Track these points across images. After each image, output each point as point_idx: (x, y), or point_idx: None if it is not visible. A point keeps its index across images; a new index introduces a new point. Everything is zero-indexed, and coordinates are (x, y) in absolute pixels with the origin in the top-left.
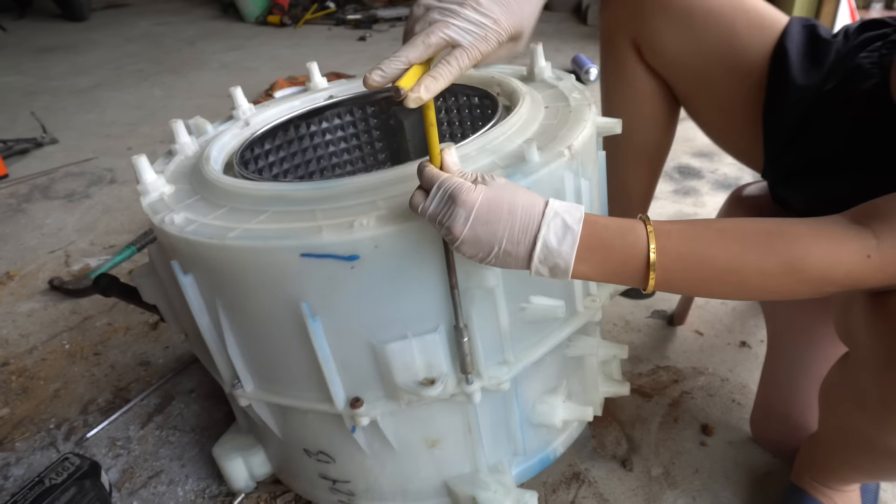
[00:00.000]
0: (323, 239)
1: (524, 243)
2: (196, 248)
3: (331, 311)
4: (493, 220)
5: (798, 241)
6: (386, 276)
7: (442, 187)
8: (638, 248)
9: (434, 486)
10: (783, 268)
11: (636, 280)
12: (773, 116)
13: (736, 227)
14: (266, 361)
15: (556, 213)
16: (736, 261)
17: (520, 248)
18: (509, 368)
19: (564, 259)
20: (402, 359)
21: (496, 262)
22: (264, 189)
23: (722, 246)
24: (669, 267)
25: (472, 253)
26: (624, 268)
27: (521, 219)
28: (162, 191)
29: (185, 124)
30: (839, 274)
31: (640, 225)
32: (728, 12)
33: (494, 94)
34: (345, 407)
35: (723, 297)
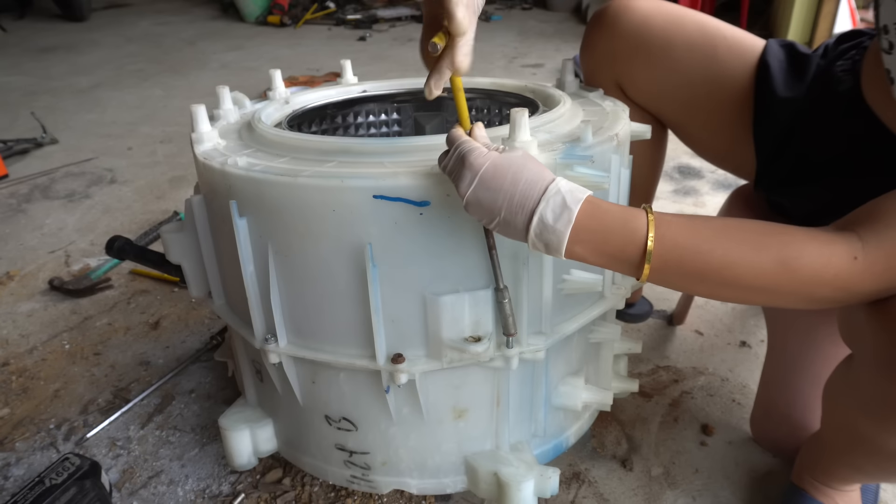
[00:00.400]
0: (398, 181)
1: (521, 215)
2: (262, 188)
3: (390, 258)
4: (496, 187)
5: (792, 241)
6: (450, 227)
7: (458, 148)
8: (637, 235)
9: (453, 463)
10: (776, 265)
11: (631, 267)
12: (761, 130)
13: (734, 224)
14: (308, 313)
15: (559, 190)
16: (731, 255)
17: (517, 219)
18: (546, 338)
19: (558, 237)
20: (453, 313)
21: (499, 230)
22: (330, 142)
23: (719, 241)
24: (666, 257)
25: (478, 216)
26: (621, 254)
27: (522, 190)
28: (216, 141)
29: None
30: (829, 274)
31: (641, 213)
32: (708, 41)
33: (531, 98)
34: (386, 362)
35: (714, 296)
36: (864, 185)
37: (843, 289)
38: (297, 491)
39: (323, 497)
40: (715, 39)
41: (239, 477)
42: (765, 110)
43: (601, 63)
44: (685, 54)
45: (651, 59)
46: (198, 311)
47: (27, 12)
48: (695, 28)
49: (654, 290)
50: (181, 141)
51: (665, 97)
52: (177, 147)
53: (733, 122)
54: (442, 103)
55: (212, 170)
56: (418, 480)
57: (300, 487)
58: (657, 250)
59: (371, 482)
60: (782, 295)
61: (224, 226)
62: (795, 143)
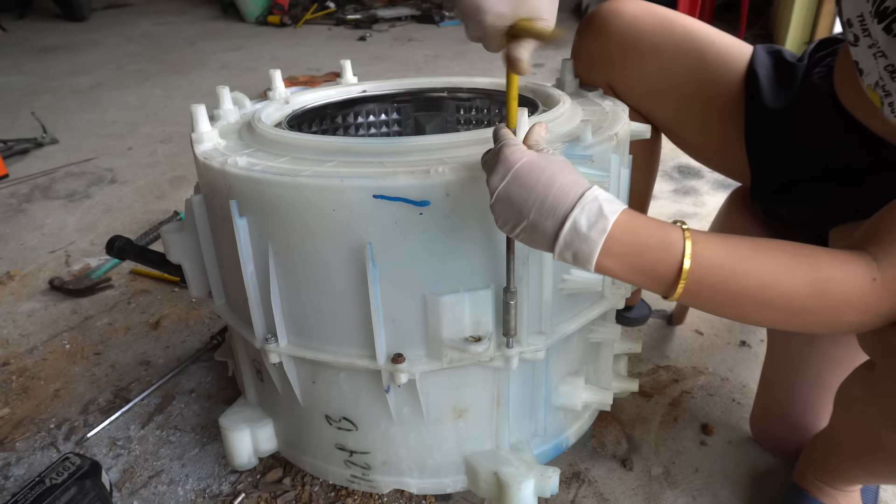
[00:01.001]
0: (398, 181)
1: (552, 219)
2: (262, 188)
3: (390, 257)
4: (529, 185)
5: (820, 263)
6: (450, 227)
7: (498, 142)
8: (673, 252)
9: (453, 462)
10: (808, 287)
11: (663, 286)
12: (752, 141)
13: (767, 244)
14: (308, 312)
15: (596, 198)
16: (767, 277)
17: (547, 223)
18: (546, 338)
19: (590, 246)
20: (453, 313)
21: (523, 237)
22: (330, 141)
23: (755, 261)
24: (701, 277)
25: (504, 217)
26: (653, 271)
27: (556, 193)
28: (216, 141)
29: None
30: (854, 297)
31: (678, 230)
32: (696, 46)
33: (531, 97)
34: (386, 362)
35: (742, 317)
36: (861, 190)
37: (866, 311)
38: (298, 490)
39: (323, 497)
40: (703, 44)
41: (239, 476)
42: (755, 124)
43: (592, 66)
44: (674, 58)
45: (640, 63)
46: (198, 311)
47: (27, 12)
48: (683, 32)
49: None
50: (181, 141)
51: (655, 100)
52: (177, 147)
53: (723, 127)
54: (442, 103)
55: (212, 169)
56: (418, 480)
57: (300, 487)
58: (693, 270)
59: (371, 482)
60: (811, 318)
61: (224, 225)
62: (786, 153)
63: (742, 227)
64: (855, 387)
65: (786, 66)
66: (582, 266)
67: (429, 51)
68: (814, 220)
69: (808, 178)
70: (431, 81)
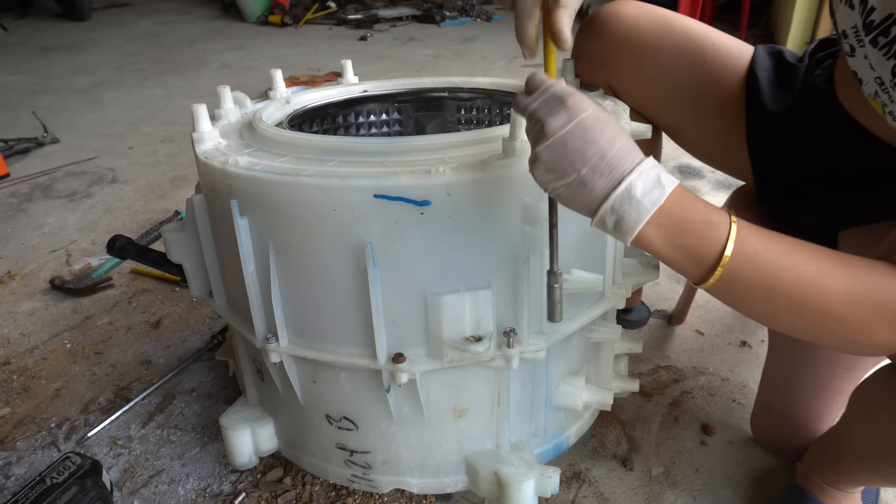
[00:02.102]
0: (399, 181)
1: (608, 177)
2: (263, 188)
3: (391, 257)
4: (591, 139)
5: (859, 271)
6: (451, 226)
7: (552, 88)
8: (719, 232)
9: (453, 462)
10: (844, 294)
11: (700, 268)
12: (754, 144)
13: (809, 245)
14: (309, 312)
15: (654, 166)
16: (806, 275)
17: (599, 182)
18: (546, 338)
19: (639, 213)
20: (454, 312)
21: (564, 193)
22: (330, 141)
23: (797, 257)
24: (740, 265)
25: (551, 167)
26: (695, 250)
27: (616, 152)
28: (217, 140)
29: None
30: (889, 310)
31: (725, 213)
32: (696, 47)
33: None
34: (386, 362)
35: (772, 318)
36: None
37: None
38: (298, 490)
39: (324, 496)
40: (703, 45)
41: (240, 476)
42: (756, 125)
43: (592, 67)
44: (673, 60)
45: (640, 65)
46: (199, 311)
47: (28, 12)
48: (683, 34)
49: (654, 291)
50: (182, 140)
51: (656, 102)
52: (178, 146)
53: (724, 128)
54: (442, 103)
55: (213, 169)
56: (419, 480)
57: (301, 486)
58: (735, 255)
59: (372, 481)
60: (844, 328)
61: (225, 225)
62: (789, 156)
63: None
64: (879, 394)
65: (787, 67)
66: (620, 234)
67: (429, 51)
68: (821, 224)
69: (813, 181)
70: (432, 81)
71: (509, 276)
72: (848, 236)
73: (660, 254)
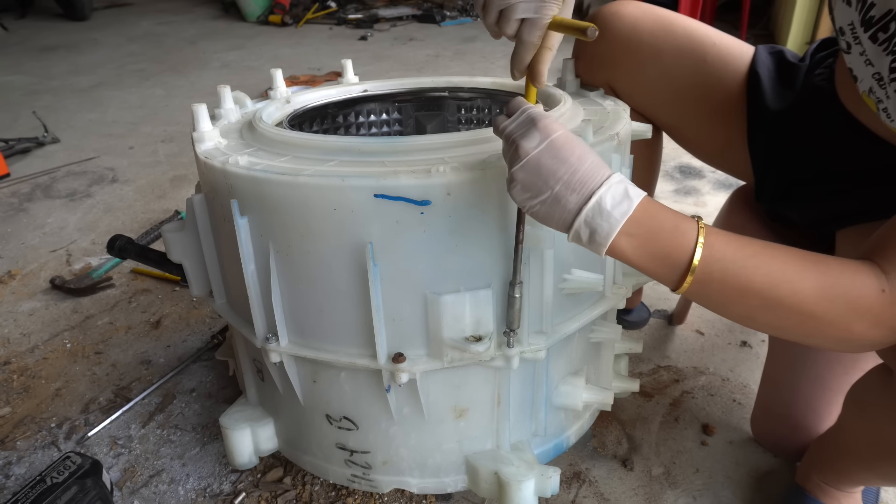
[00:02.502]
0: (399, 181)
1: (579, 193)
2: (263, 187)
3: (391, 257)
4: (562, 157)
5: (829, 269)
6: (451, 226)
7: (527, 112)
8: (686, 239)
9: (453, 462)
10: (817, 292)
11: (673, 273)
12: (755, 143)
13: (776, 246)
14: (309, 312)
15: (622, 180)
16: (775, 275)
17: (571, 198)
18: (546, 338)
19: (610, 225)
20: (454, 312)
21: (540, 210)
22: (331, 141)
23: (764, 259)
24: (711, 269)
25: (527, 185)
26: (667, 257)
27: (586, 169)
28: (218, 140)
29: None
30: (863, 306)
31: (692, 220)
32: (697, 47)
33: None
34: (387, 362)
35: (750, 319)
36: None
37: (878, 324)
38: (298, 490)
39: (324, 496)
40: (704, 45)
41: (240, 476)
42: (757, 124)
43: (592, 67)
44: (674, 60)
45: (641, 65)
46: (199, 310)
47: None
48: (684, 34)
49: (654, 291)
50: (182, 140)
51: (657, 101)
52: (178, 146)
53: (724, 127)
54: (443, 103)
55: (213, 169)
56: (419, 480)
57: (301, 486)
58: (704, 259)
59: (372, 481)
60: (821, 326)
61: (225, 225)
62: (789, 154)
63: (744, 227)
64: (871, 393)
65: (788, 67)
66: (594, 246)
67: (430, 50)
68: (820, 222)
69: (812, 179)
70: (432, 81)
71: (510, 276)
72: (845, 235)
73: (634, 263)
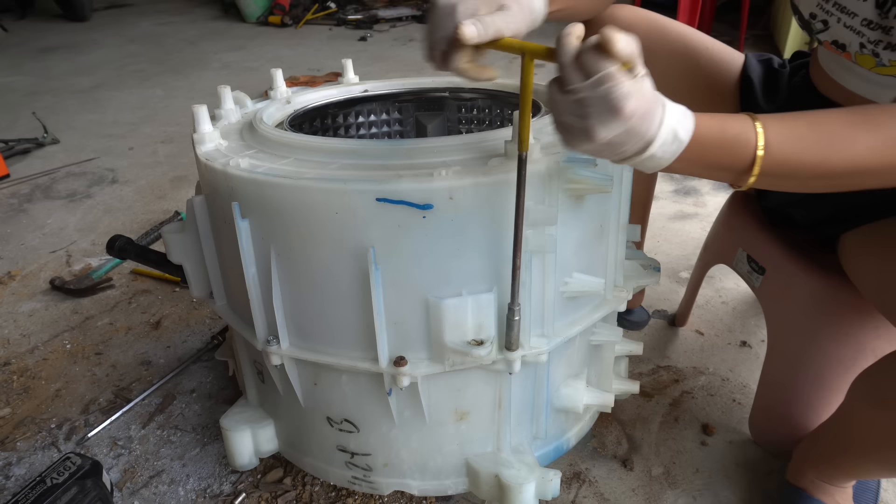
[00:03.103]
0: (402, 185)
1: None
2: (265, 190)
3: (393, 261)
4: (634, 133)
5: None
6: (453, 230)
7: (603, 84)
8: (746, 138)
9: (454, 465)
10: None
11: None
12: None
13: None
14: (310, 315)
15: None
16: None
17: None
18: (548, 341)
19: (667, 157)
20: (456, 316)
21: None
22: (333, 143)
23: (813, 136)
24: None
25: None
26: (726, 164)
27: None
28: (218, 142)
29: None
30: None
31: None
32: (691, 52)
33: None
34: (388, 365)
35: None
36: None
37: None
38: (298, 490)
39: (324, 497)
40: (697, 50)
41: (240, 476)
42: None
43: None
44: (667, 64)
45: None
46: (199, 311)
47: (28, 12)
48: (677, 39)
49: (655, 291)
50: (182, 141)
51: None
52: (178, 147)
53: None
54: (443, 103)
55: (214, 171)
56: (420, 482)
57: (301, 487)
58: (766, 159)
59: (372, 483)
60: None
61: (226, 227)
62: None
63: (744, 228)
64: (888, 379)
65: (774, 73)
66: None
67: None
68: (824, 221)
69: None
70: (433, 81)
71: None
72: (851, 239)
73: (695, 169)
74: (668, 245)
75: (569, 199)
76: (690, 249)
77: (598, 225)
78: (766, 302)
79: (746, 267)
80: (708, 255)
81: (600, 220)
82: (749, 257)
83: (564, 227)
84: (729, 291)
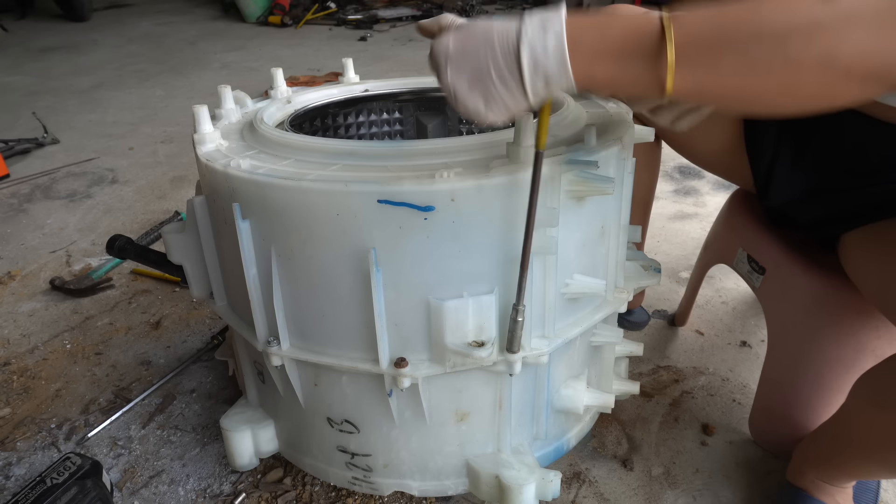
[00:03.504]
0: (403, 187)
1: (511, 62)
2: (266, 191)
3: (394, 262)
4: (472, 53)
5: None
6: (454, 231)
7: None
8: (648, 16)
9: (455, 465)
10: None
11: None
12: (754, 144)
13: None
14: (311, 316)
15: (531, 17)
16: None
17: (510, 74)
18: (549, 343)
19: (554, 56)
20: (457, 318)
21: (497, 107)
22: (334, 144)
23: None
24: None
25: (474, 104)
26: (635, 45)
27: (499, 42)
28: (219, 142)
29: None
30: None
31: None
32: None
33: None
34: (389, 366)
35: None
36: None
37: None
38: (298, 491)
39: (324, 497)
40: None
41: (240, 476)
42: (756, 126)
43: None
44: None
45: None
46: (199, 311)
47: (28, 12)
48: None
49: (655, 291)
50: (182, 141)
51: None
52: (178, 147)
53: (722, 132)
54: (444, 103)
55: (214, 172)
56: (420, 482)
57: (301, 487)
58: (677, 25)
59: (372, 484)
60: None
61: (226, 228)
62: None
63: (744, 227)
64: (890, 384)
65: None
66: (561, 85)
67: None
68: (825, 220)
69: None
70: (433, 81)
71: (512, 282)
72: (851, 239)
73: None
74: (668, 245)
75: (570, 200)
76: (690, 249)
77: (599, 226)
78: (766, 302)
79: (747, 267)
80: (708, 254)
81: (601, 221)
82: (749, 257)
83: (566, 229)
84: (729, 291)
